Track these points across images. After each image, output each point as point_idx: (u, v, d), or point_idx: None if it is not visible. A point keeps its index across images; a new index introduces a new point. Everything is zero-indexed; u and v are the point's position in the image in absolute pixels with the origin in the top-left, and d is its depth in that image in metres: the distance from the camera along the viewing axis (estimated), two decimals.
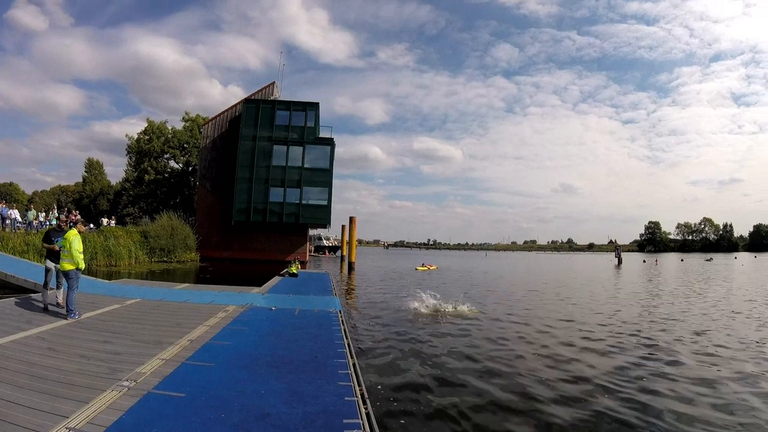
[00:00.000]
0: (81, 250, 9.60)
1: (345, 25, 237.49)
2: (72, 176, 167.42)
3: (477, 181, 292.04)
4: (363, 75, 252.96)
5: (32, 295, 11.75)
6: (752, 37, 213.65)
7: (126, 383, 5.33)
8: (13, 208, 30.24)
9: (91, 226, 36.06)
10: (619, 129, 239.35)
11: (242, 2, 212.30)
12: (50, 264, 10.17)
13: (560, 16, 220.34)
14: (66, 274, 9.40)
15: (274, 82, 46.59)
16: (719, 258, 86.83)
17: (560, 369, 8.63)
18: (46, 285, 10.14)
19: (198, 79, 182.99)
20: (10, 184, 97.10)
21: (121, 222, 47.93)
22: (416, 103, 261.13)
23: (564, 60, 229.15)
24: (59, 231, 10.53)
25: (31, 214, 30.52)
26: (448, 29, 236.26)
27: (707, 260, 75.29)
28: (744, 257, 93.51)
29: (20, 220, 29.29)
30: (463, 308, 15.40)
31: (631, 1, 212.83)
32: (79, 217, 19.74)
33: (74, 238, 9.43)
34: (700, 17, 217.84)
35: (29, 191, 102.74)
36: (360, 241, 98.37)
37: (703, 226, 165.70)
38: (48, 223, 31.16)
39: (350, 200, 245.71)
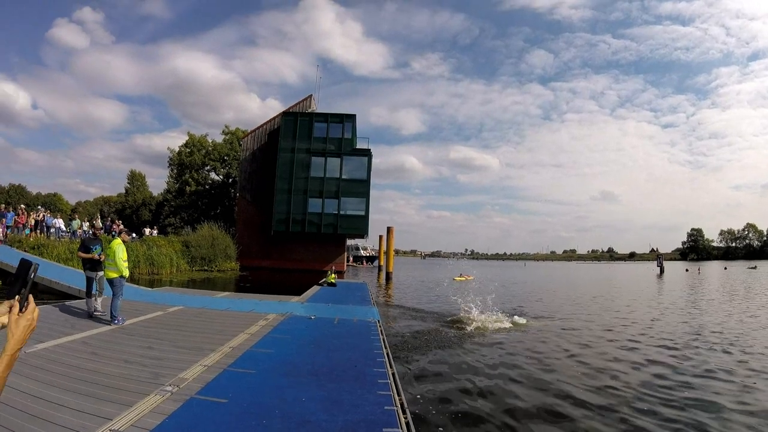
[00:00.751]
0: (125, 258, 9.80)
1: (379, 37, 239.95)
2: (115, 187, 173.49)
3: (514, 190, 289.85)
4: (398, 85, 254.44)
5: (76, 301, 12.03)
6: None
7: (169, 388, 5.35)
8: (57, 218, 31.23)
9: (134, 235, 36.94)
10: (659, 133, 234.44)
11: (276, 18, 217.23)
12: (91, 273, 10.28)
13: (594, 20, 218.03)
14: (111, 282, 9.58)
15: (311, 95, 47.22)
16: (764, 266, 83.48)
17: (610, 387, 8.29)
18: (89, 293, 10.30)
19: (236, 93, 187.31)
20: (54, 195, 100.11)
21: (162, 232, 48.98)
22: (452, 112, 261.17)
23: (600, 64, 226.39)
24: (95, 239, 10.67)
25: (75, 223, 31.47)
26: (482, 37, 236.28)
27: (751, 268, 72.62)
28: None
29: (64, 229, 30.19)
30: (504, 319, 15.14)
31: (665, 2, 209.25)
32: (122, 227, 20.21)
33: (118, 247, 9.63)
34: (735, 15, 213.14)
35: (73, 201, 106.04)
36: (397, 252, 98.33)
37: (746, 232, 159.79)
38: (91, 232, 31.98)
39: (387, 210, 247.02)
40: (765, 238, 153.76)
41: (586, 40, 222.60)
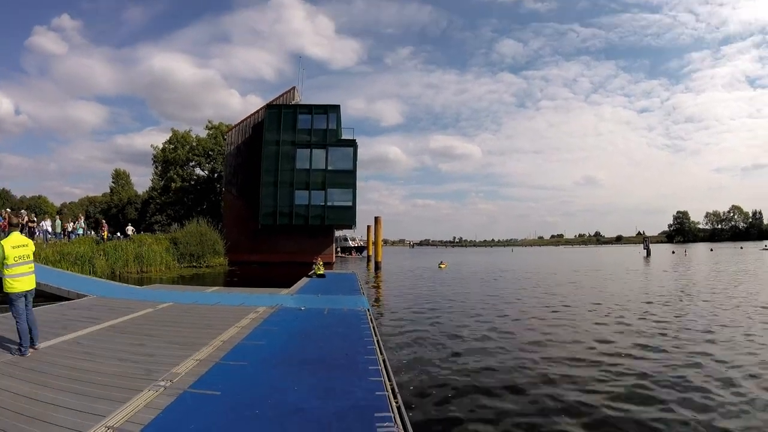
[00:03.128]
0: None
1: (350, 33, 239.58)
2: (99, 187, 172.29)
3: (497, 177, 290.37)
4: (373, 77, 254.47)
5: (66, 302, 12.04)
6: (761, 17, 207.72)
7: (162, 383, 5.41)
8: (44, 219, 31.07)
9: (118, 234, 36.70)
10: (635, 118, 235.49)
11: (248, 17, 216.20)
12: None
13: (561, 10, 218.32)
14: None
15: (294, 87, 46.86)
16: (749, 246, 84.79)
17: (603, 377, 8.48)
18: None
19: (216, 89, 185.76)
20: (39, 197, 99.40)
21: (149, 230, 48.67)
22: (428, 102, 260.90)
23: (570, 52, 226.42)
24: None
25: (57, 224, 31.29)
26: (450, 29, 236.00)
27: (760, 248, 73.66)
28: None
29: (51, 231, 30.03)
30: (491, 304, 15.32)
31: None
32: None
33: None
34: (704, 1, 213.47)
35: (58, 203, 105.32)
36: (385, 241, 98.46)
37: (732, 214, 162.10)
38: (75, 233, 31.83)
39: (372, 201, 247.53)
40: (750, 220, 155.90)
41: (555, 29, 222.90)
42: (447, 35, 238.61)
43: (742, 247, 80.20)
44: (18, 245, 6.94)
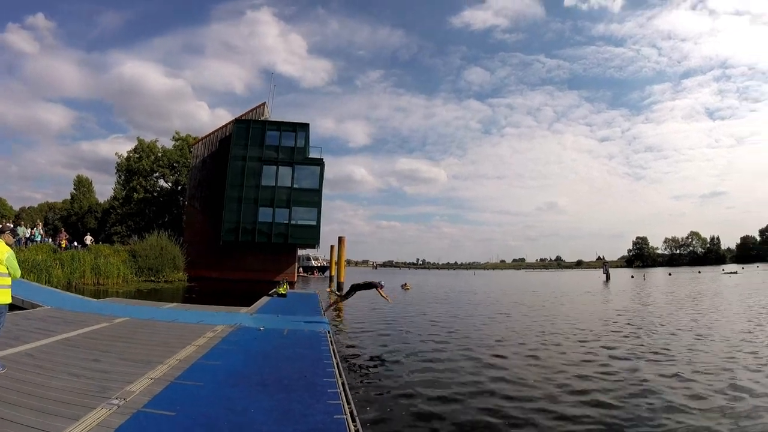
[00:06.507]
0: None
1: (322, 53, 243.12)
2: (60, 194, 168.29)
3: (461, 201, 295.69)
4: (342, 98, 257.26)
5: (20, 312, 11.72)
6: (721, 53, 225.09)
7: (116, 401, 5.34)
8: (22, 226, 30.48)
9: (76, 244, 35.78)
10: (596, 147, 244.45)
11: (222, 30, 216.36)
12: None
13: (528, 41, 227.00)
14: None
15: (264, 102, 46.93)
16: (706, 271, 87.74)
17: (562, 393, 8.68)
18: None
19: (185, 101, 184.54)
20: None
21: (108, 240, 47.53)
22: (396, 125, 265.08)
23: (535, 81, 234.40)
24: None
25: (20, 230, 30.39)
26: (420, 54, 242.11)
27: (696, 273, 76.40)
28: (730, 268, 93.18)
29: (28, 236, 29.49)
30: (449, 325, 15.47)
31: (597, 24, 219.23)
32: (9, 226, 19.25)
33: None
34: (667, 36, 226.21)
35: (17, 207, 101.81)
36: (349, 261, 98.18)
37: (690, 240, 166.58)
38: (33, 239, 30.98)
39: (337, 220, 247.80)
40: (708, 245, 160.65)
41: (521, 59, 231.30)
42: (417, 60, 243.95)
43: (699, 272, 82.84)
44: None
